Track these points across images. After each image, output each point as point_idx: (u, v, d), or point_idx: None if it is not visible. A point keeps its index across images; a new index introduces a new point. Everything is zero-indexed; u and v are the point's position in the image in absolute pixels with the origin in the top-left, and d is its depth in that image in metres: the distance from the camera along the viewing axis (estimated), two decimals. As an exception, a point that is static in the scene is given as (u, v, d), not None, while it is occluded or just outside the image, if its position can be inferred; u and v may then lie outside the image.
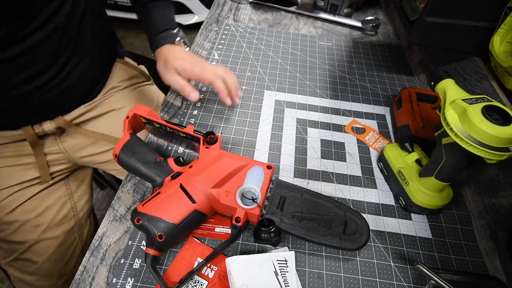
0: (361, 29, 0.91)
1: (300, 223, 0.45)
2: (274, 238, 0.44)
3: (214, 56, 0.77)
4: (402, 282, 0.44)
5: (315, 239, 0.44)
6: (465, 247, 0.48)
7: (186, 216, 0.42)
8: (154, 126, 0.52)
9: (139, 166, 0.47)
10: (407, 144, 0.54)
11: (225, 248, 0.42)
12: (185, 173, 0.45)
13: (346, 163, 0.58)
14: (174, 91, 0.68)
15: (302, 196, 0.47)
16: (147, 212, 0.41)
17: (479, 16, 0.56)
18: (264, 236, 0.43)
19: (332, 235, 0.44)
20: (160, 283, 0.38)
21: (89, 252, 0.45)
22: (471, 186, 0.54)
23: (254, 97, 0.68)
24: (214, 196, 0.43)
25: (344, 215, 0.45)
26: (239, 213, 0.42)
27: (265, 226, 0.43)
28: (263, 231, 0.43)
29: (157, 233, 0.40)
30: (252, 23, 0.90)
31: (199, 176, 0.44)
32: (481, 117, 0.37)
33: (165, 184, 0.45)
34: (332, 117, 0.66)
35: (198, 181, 0.44)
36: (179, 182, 0.44)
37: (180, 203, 0.42)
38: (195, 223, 0.43)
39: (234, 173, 0.45)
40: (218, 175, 0.44)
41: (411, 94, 0.63)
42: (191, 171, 0.45)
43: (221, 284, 0.42)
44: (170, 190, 0.43)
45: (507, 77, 0.50)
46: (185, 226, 0.42)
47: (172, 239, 0.41)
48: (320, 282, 0.43)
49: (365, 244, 0.44)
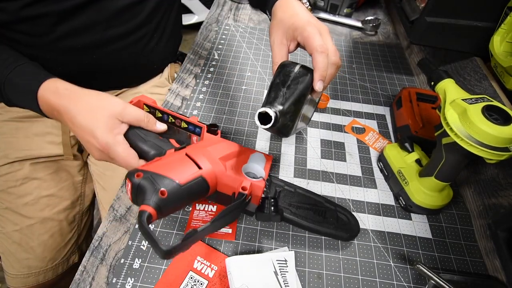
0: (361, 29, 0.91)
1: (297, 210, 0.46)
2: (274, 213, 0.44)
3: (214, 56, 0.77)
4: (402, 282, 0.44)
5: (312, 226, 0.45)
6: (465, 247, 0.48)
7: (192, 179, 0.38)
8: (156, 115, 0.50)
9: (140, 137, 0.45)
10: (407, 144, 0.54)
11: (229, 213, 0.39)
12: (190, 146, 0.44)
13: (346, 163, 0.58)
14: (173, 90, 0.68)
15: (295, 190, 0.49)
16: (150, 169, 0.37)
17: (479, 16, 0.56)
18: (267, 211, 0.43)
19: (327, 223, 0.46)
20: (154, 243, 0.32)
21: (89, 252, 0.45)
22: (471, 186, 0.54)
23: (254, 97, 0.68)
24: (221, 165, 0.42)
25: (335, 209, 0.48)
26: (245, 183, 0.41)
27: (268, 200, 0.44)
28: (266, 206, 0.43)
29: (160, 188, 0.35)
30: (252, 23, 0.90)
31: (206, 148, 0.43)
32: (481, 117, 0.37)
33: (168, 154, 0.42)
34: (332, 117, 0.66)
35: (205, 151, 0.43)
36: (184, 151, 0.42)
37: (186, 166, 0.39)
38: (198, 192, 0.40)
39: (238, 154, 0.46)
40: (224, 150, 0.44)
41: (411, 94, 0.63)
42: (196, 144, 0.45)
43: (221, 284, 0.42)
44: (176, 156, 0.41)
45: (507, 77, 0.50)
46: (188, 190, 0.38)
47: (173, 201, 0.36)
48: (320, 282, 0.43)
49: (357, 234, 0.47)
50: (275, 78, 0.42)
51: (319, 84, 0.42)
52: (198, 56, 0.77)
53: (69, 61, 0.58)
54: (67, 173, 0.68)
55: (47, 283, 0.66)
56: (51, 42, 0.54)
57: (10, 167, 0.63)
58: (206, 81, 0.71)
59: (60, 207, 0.66)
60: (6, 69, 0.46)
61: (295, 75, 0.41)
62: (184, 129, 0.50)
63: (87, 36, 0.56)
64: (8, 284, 0.64)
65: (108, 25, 0.57)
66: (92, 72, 0.61)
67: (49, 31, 0.53)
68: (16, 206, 0.63)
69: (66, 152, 0.67)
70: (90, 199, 0.74)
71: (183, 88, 0.69)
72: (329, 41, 0.44)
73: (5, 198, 0.63)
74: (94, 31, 0.56)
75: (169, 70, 0.75)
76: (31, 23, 0.51)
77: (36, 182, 0.64)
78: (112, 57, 0.61)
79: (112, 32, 0.58)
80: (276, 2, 0.50)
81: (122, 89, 0.69)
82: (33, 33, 0.52)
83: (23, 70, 0.47)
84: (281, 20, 0.47)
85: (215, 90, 0.69)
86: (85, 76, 0.61)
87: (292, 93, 0.40)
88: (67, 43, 0.55)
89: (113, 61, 0.62)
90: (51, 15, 0.51)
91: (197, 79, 0.71)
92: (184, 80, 0.71)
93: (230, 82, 0.71)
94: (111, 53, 0.60)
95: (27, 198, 0.63)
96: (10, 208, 0.63)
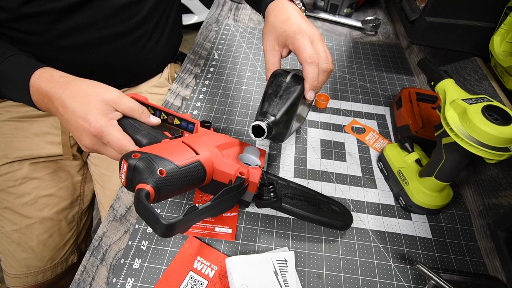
0: (361, 29, 0.91)
1: (292, 201, 0.47)
2: (275, 198, 0.43)
3: (214, 56, 0.77)
4: (402, 282, 0.44)
5: (308, 215, 0.45)
6: (465, 247, 0.48)
7: (190, 162, 0.38)
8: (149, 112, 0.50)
9: (134, 127, 0.44)
10: (407, 144, 0.54)
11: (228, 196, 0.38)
12: (186, 136, 0.44)
13: (346, 163, 0.58)
14: (173, 90, 0.68)
15: (288, 184, 0.50)
16: (147, 151, 0.36)
17: (479, 16, 0.56)
18: (266, 196, 0.43)
19: (322, 212, 0.47)
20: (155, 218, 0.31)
21: (89, 252, 0.45)
22: (471, 186, 0.54)
23: (254, 97, 0.68)
24: (218, 153, 0.42)
25: (327, 202, 0.49)
26: (243, 168, 0.41)
27: (266, 186, 0.43)
28: (265, 191, 0.43)
29: (159, 167, 0.34)
30: (252, 23, 0.90)
31: (202, 137, 0.43)
32: (481, 117, 0.37)
33: (164, 142, 0.42)
34: (332, 117, 0.66)
35: (201, 140, 0.42)
36: (180, 139, 0.42)
37: (184, 151, 0.39)
38: (195, 177, 0.39)
39: (233, 145, 0.46)
40: (219, 140, 0.44)
41: (411, 94, 0.63)
42: (191, 134, 0.45)
43: (221, 284, 0.42)
44: (172, 142, 0.40)
45: (507, 77, 0.50)
46: (186, 173, 0.37)
47: (172, 183, 0.36)
48: (320, 282, 0.43)
49: (351, 223, 0.47)
50: (267, 88, 0.44)
51: (310, 94, 0.44)
52: (198, 56, 0.77)
53: (68, 60, 0.58)
54: (67, 173, 0.68)
55: (46, 283, 0.66)
56: (50, 40, 0.54)
57: (10, 167, 0.63)
58: (206, 81, 0.71)
59: (59, 207, 0.66)
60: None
61: (286, 85, 0.43)
62: (177, 126, 0.50)
63: (85, 35, 0.56)
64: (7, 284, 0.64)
65: (107, 23, 0.57)
66: (91, 71, 0.61)
67: (48, 29, 0.53)
68: (16, 206, 0.63)
69: (65, 152, 0.67)
70: (90, 199, 0.74)
71: (183, 88, 0.69)
72: (321, 48, 0.44)
73: (4, 198, 0.63)
74: (93, 30, 0.56)
75: (169, 70, 0.75)
76: (29, 21, 0.51)
77: (36, 182, 0.64)
78: (111, 56, 0.61)
79: (110, 30, 0.58)
80: (269, 4, 0.50)
81: (122, 89, 0.69)
82: (32, 31, 0.52)
83: (15, 60, 0.46)
84: (273, 25, 0.48)
85: (215, 90, 0.69)
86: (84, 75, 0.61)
87: (285, 103, 0.42)
88: (66, 41, 0.55)
89: (112, 60, 0.62)
90: (50, 13, 0.51)
91: (197, 79, 0.71)
92: (184, 80, 0.71)
93: (230, 82, 0.71)
94: (110, 52, 0.60)
95: (27, 198, 0.63)
96: (9, 207, 0.63)
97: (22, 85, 0.44)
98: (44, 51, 0.55)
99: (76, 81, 0.44)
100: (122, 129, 0.43)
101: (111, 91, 0.44)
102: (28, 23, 0.51)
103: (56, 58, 0.57)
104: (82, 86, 0.43)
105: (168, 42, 0.71)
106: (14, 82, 0.45)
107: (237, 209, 0.50)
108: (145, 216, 0.32)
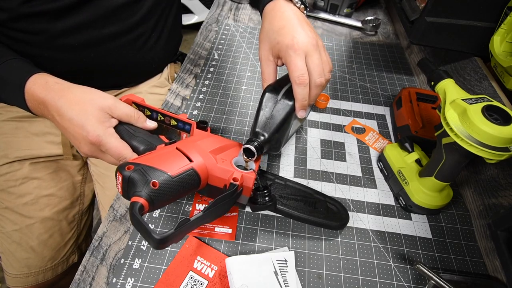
0: (361, 29, 0.91)
1: (288, 202, 0.47)
2: (269, 202, 0.44)
3: (214, 56, 0.77)
4: (402, 282, 0.44)
5: (303, 216, 0.46)
6: (465, 247, 0.48)
7: (183, 171, 0.38)
8: (145, 114, 0.50)
9: (130, 133, 0.44)
10: (407, 144, 0.54)
11: (221, 203, 0.38)
12: (181, 140, 0.44)
13: (346, 163, 0.58)
14: (173, 90, 0.68)
15: (285, 183, 0.50)
16: (141, 162, 0.37)
17: (479, 16, 0.56)
18: (260, 200, 0.43)
19: (318, 213, 0.47)
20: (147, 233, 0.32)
21: (89, 252, 0.45)
22: (471, 186, 0.54)
23: (254, 97, 0.68)
24: (212, 158, 0.42)
25: (324, 200, 0.49)
26: (236, 174, 0.41)
27: (260, 190, 0.44)
28: (259, 195, 0.44)
29: (152, 179, 0.35)
30: (252, 23, 0.90)
31: (196, 142, 0.44)
32: (481, 117, 0.37)
33: (158, 149, 0.42)
34: (332, 117, 0.66)
35: (196, 145, 0.43)
36: (174, 146, 0.42)
37: (178, 159, 0.40)
38: (189, 185, 0.40)
39: (228, 148, 0.46)
40: (214, 144, 0.45)
41: (411, 94, 0.63)
42: (186, 139, 0.45)
43: (221, 284, 0.42)
44: (166, 149, 0.41)
45: (507, 77, 0.50)
46: (180, 182, 0.38)
47: (165, 193, 0.36)
48: (320, 282, 0.43)
49: (347, 223, 0.48)
50: (259, 107, 0.45)
51: (301, 113, 0.45)
52: (198, 56, 0.77)
53: (67, 59, 0.58)
54: (67, 173, 0.68)
55: (47, 283, 0.66)
56: (49, 40, 0.54)
57: (10, 167, 0.63)
58: (206, 81, 0.71)
59: (60, 207, 0.66)
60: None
61: (277, 103, 0.45)
62: (174, 127, 0.50)
63: (84, 34, 0.56)
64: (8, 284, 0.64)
65: (106, 23, 0.57)
66: (90, 70, 0.61)
67: (47, 28, 0.53)
68: (16, 206, 0.63)
69: (65, 152, 0.67)
70: (90, 199, 0.74)
71: (183, 88, 0.69)
72: (316, 60, 0.43)
73: (4, 198, 0.63)
74: (92, 29, 0.56)
75: (169, 70, 0.75)
76: (29, 20, 0.51)
77: (36, 181, 0.64)
78: (110, 55, 0.61)
79: (109, 30, 0.58)
80: (266, 5, 0.49)
81: (121, 89, 0.69)
82: (31, 31, 0.52)
83: (12, 65, 0.46)
84: (267, 34, 0.47)
85: (215, 90, 0.69)
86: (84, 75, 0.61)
87: (275, 122, 0.44)
88: (65, 40, 0.55)
89: (111, 60, 0.62)
90: (49, 13, 0.51)
91: (197, 79, 0.71)
92: (184, 80, 0.71)
93: (230, 82, 0.71)
94: (109, 51, 0.60)
95: (27, 198, 0.63)
96: (10, 207, 0.63)
97: (17, 90, 0.44)
98: (43, 51, 0.55)
99: (71, 88, 0.44)
100: (119, 135, 0.43)
101: (107, 98, 0.44)
102: (28, 23, 0.51)
103: (56, 58, 0.57)
104: (78, 93, 0.43)
105: (168, 42, 0.71)
106: (10, 87, 0.45)
107: (237, 209, 0.50)
108: (139, 229, 0.33)
